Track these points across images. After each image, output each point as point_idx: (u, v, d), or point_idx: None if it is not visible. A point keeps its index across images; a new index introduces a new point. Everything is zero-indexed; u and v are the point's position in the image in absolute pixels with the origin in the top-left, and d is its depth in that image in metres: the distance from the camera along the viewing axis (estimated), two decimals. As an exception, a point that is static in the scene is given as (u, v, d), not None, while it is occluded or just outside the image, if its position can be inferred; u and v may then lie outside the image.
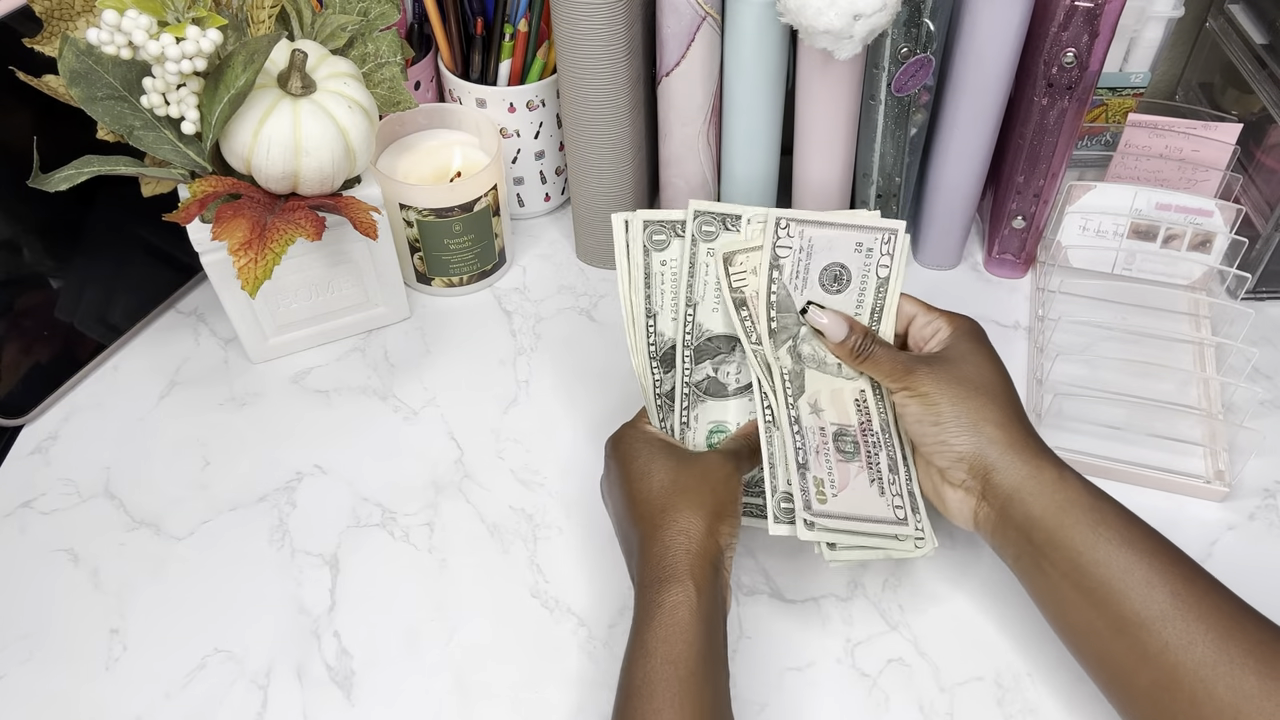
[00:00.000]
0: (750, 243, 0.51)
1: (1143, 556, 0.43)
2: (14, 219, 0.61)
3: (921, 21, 0.58)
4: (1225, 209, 0.64)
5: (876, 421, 0.52)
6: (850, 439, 0.51)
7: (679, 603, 0.43)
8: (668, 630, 0.43)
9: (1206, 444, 0.59)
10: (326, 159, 0.55)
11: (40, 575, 0.55)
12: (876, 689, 0.50)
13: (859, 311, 0.52)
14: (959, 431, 0.47)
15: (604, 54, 0.60)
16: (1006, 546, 0.47)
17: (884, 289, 0.52)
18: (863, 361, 0.51)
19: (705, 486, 0.47)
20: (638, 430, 0.51)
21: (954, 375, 0.48)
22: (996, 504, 0.47)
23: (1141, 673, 0.42)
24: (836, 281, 0.51)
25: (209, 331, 0.68)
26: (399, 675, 0.51)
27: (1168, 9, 0.69)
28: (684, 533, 0.45)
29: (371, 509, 0.58)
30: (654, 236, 0.51)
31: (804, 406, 0.50)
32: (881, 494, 0.50)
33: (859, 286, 0.52)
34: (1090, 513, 0.45)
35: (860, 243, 0.51)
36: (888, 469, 0.50)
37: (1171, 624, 0.41)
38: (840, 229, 0.51)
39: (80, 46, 0.51)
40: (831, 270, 0.51)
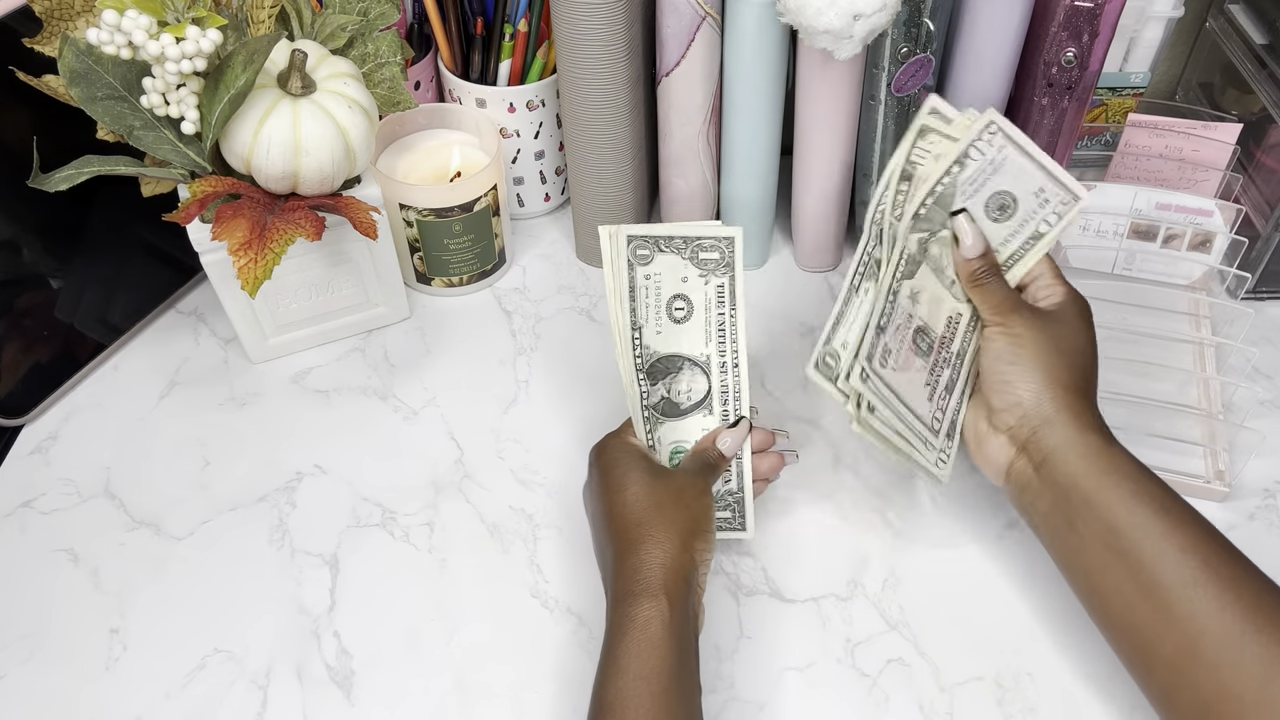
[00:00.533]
0: (951, 131, 0.51)
1: (1178, 525, 0.44)
2: (14, 219, 0.61)
3: (921, 21, 0.58)
4: (1225, 209, 0.64)
5: (957, 344, 0.52)
6: (927, 341, 0.51)
7: (651, 618, 0.43)
8: (640, 645, 0.43)
9: (1206, 444, 0.59)
10: (326, 159, 0.55)
11: (40, 575, 0.55)
12: (876, 689, 0.50)
13: (1002, 248, 0.52)
14: (1030, 379, 0.48)
15: (604, 54, 0.60)
16: (1038, 502, 0.48)
17: (1033, 242, 0.51)
18: (976, 286, 0.50)
19: (680, 503, 0.48)
20: (621, 441, 0.52)
21: (1051, 331, 0.49)
22: (1038, 456, 0.47)
23: (1166, 638, 0.42)
24: (1001, 210, 0.51)
25: (209, 331, 0.68)
26: (399, 675, 0.51)
27: (1168, 9, 0.69)
28: (659, 546, 0.46)
29: (371, 509, 0.58)
30: (638, 251, 0.51)
31: (905, 289, 0.51)
32: (929, 400, 0.50)
33: (1016, 226, 0.51)
34: (1131, 481, 0.45)
35: (1043, 189, 0.50)
36: (944, 386, 0.51)
37: (1201, 591, 0.42)
38: (1035, 166, 0.50)
39: (80, 46, 0.51)
40: (1003, 198, 0.50)
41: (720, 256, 0.52)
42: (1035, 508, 0.48)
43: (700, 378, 0.53)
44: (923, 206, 0.50)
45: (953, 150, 0.49)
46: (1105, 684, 0.50)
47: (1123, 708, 0.49)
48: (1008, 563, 0.55)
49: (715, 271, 0.52)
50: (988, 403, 0.50)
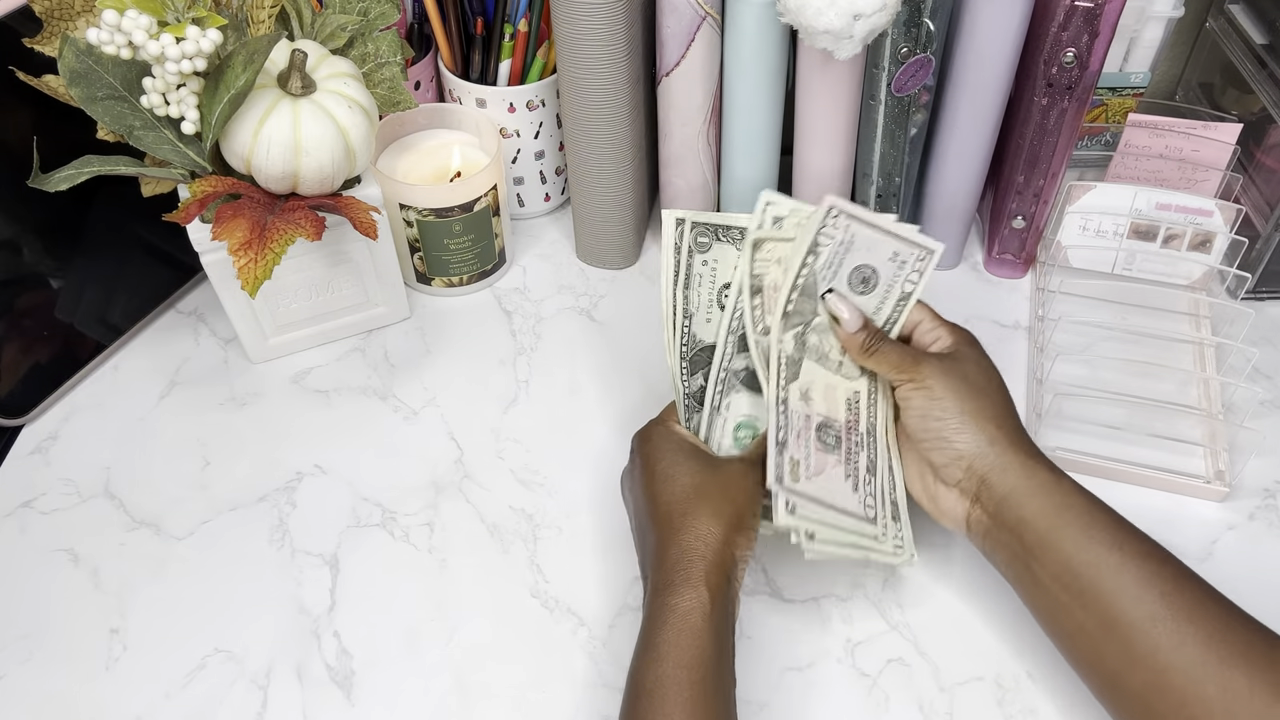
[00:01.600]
0: (783, 234, 0.51)
1: (1133, 559, 0.43)
2: (14, 219, 0.61)
3: (921, 21, 0.58)
4: (1225, 209, 0.64)
5: (864, 423, 0.52)
6: (834, 433, 0.51)
7: (693, 608, 0.43)
8: (680, 635, 0.43)
9: (1206, 444, 0.59)
10: (326, 159, 0.55)
11: (40, 575, 0.55)
12: (876, 689, 0.50)
13: (875, 316, 0.52)
14: (961, 427, 0.48)
15: (604, 54, 0.60)
16: (998, 550, 0.48)
17: (904, 303, 0.52)
18: (869, 356, 0.51)
19: (727, 495, 0.47)
20: (666, 429, 0.51)
21: (957, 372, 0.49)
22: (991, 505, 0.47)
23: (1132, 674, 0.42)
24: (864, 283, 0.51)
25: (209, 331, 0.68)
26: (399, 675, 0.51)
27: (1168, 9, 0.69)
28: (702, 539, 0.45)
29: (371, 509, 0.58)
30: (699, 238, 0.51)
31: (794, 391, 0.51)
32: (855, 490, 0.50)
33: (883, 294, 0.52)
34: (1083, 515, 0.45)
35: (897, 253, 0.51)
36: (865, 469, 0.51)
37: (1162, 625, 0.41)
38: (883, 235, 0.51)
39: (80, 46, 0.51)
40: (862, 271, 0.51)
41: None
42: (997, 554, 0.48)
43: None
44: (789, 303, 0.50)
45: (802, 243, 0.50)
46: (1105, 684, 0.50)
47: (1123, 708, 0.49)
48: (1008, 563, 0.55)
49: None
50: (929, 461, 0.49)
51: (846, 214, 0.50)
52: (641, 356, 0.66)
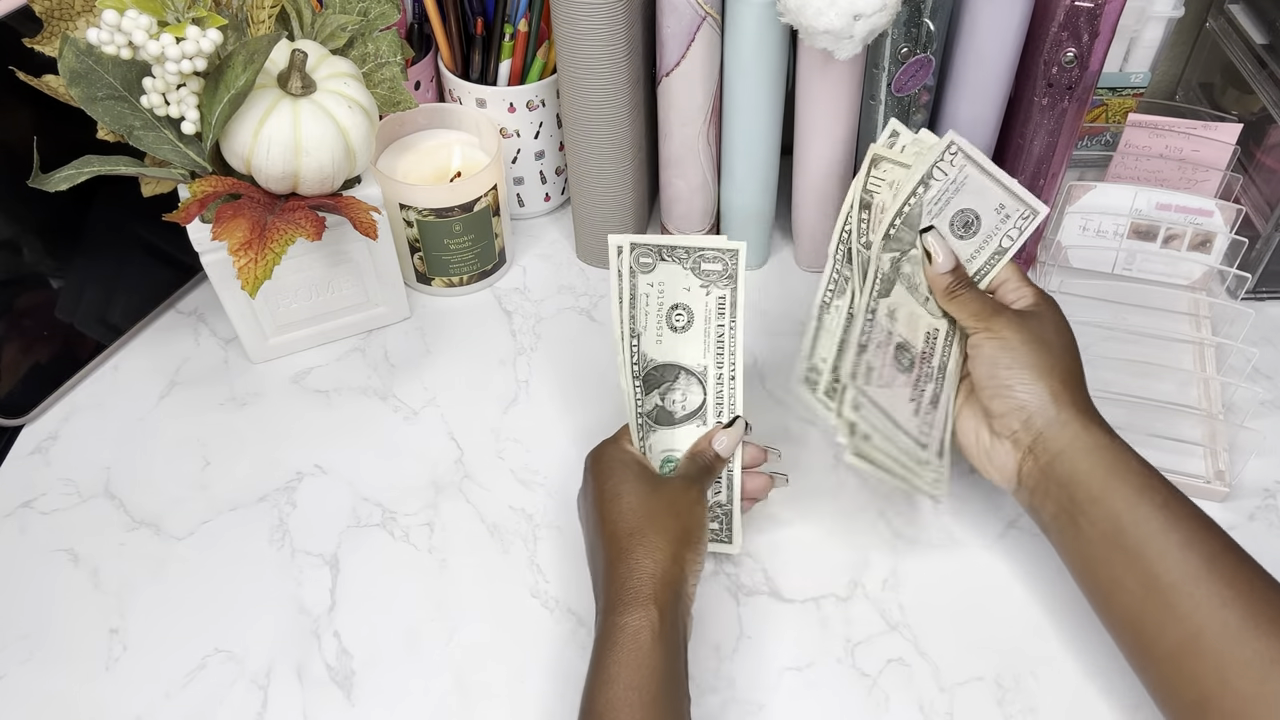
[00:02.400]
0: (902, 157, 0.52)
1: (1181, 520, 0.44)
2: (14, 219, 0.61)
3: (921, 21, 0.58)
4: (1225, 209, 0.64)
5: (938, 359, 0.52)
6: (909, 356, 0.51)
7: (641, 627, 0.44)
8: (630, 655, 0.43)
9: (1207, 444, 0.59)
10: (326, 159, 0.55)
11: (40, 575, 0.55)
12: (876, 689, 0.50)
13: (968, 264, 0.53)
14: (1027, 379, 0.48)
15: (604, 54, 0.60)
16: (1046, 503, 0.48)
17: (998, 256, 0.53)
18: (951, 299, 0.51)
19: (673, 512, 0.48)
20: (617, 448, 0.51)
21: (1034, 329, 0.49)
22: (1044, 458, 0.48)
23: (1168, 633, 0.42)
24: (965, 228, 0.52)
25: (209, 331, 0.68)
26: (399, 675, 0.51)
27: (1168, 9, 0.69)
28: (650, 556, 0.46)
29: (371, 509, 0.58)
30: (640, 259, 0.51)
31: (883, 308, 0.51)
32: (915, 414, 0.51)
33: (980, 242, 0.52)
34: (1137, 476, 0.46)
35: (1004, 205, 0.52)
36: (929, 401, 0.51)
37: (1203, 586, 0.42)
38: (995, 184, 0.51)
39: (80, 46, 0.51)
40: (966, 215, 0.52)
41: (723, 268, 0.52)
42: (1044, 508, 0.48)
43: (696, 388, 0.53)
44: (892, 227, 0.51)
45: (916, 172, 0.50)
46: (1107, 683, 0.50)
47: (1124, 707, 0.49)
48: (1008, 562, 0.55)
49: (717, 283, 0.52)
50: (987, 410, 0.50)
51: (965, 154, 0.50)
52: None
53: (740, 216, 0.69)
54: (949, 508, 0.57)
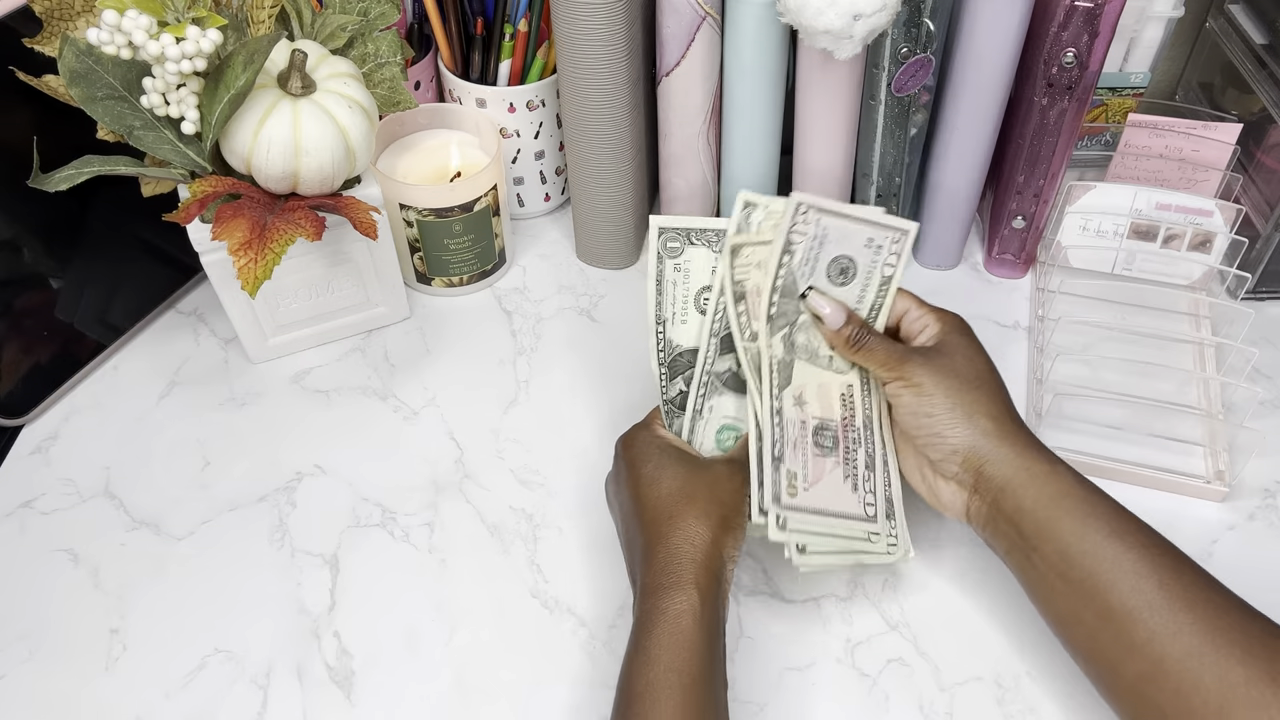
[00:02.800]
0: (759, 237, 0.51)
1: (1131, 548, 0.43)
2: (14, 219, 0.61)
3: (921, 21, 0.58)
4: (1225, 209, 0.64)
5: (859, 417, 0.52)
6: (830, 433, 0.51)
7: (683, 610, 0.43)
8: (671, 638, 0.43)
9: (1206, 444, 0.59)
10: (326, 159, 0.55)
11: (40, 575, 0.55)
12: (876, 689, 0.50)
13: (859, 306, 0.52)
14: (953, 423, 0.47)
15: (604, 54, 0.60)
16: (998, 539, 0.48)
17: (885, 287, 0.52)
18: (856, 351, 0.51)
19: (714, 496, 0.47)
20: (650, 432, 0.51)
21: (947, 367, 0.48)
22: (989, 496, 0.47)
23: (1128, 663, 0.42)
24: (843, 274, 0.51)
25: (209, 331, 0.68)
26: (399, 675, 0.51)
27: (1168, 9, 0.69)
28: (689, 541, 0.45)
29: (371, 509, 0.58)
30: (669, 243, 0.51)
31: (788, 398, 0.51)
32: (854, 489, 0.50)
33: (863, 281, 0.52)
34: (1081, 504, 0.45)
35: (872, 239, 0.51)
36: (864, 465, 0.51)
37: (1158, 614, 0.41)
38: (855, 222, 0.50)
39: (80, 46, 0.51)
40: (840, 263, 0.51)
41: None
42: (997, 544, 0.48)
43: None
44: (772, 306, 0.50)
45: (776, 244, 0.49)
46: (1105, 684, 0.50)
47: (1123, 708, 0.49)
48: (1008, 563, 0.55)
49: None
50: (925, 456, 0.49)
51: (815, 208, 0.49)
52: (642, 356, 0.66)
53: (740, 216, 0.69)
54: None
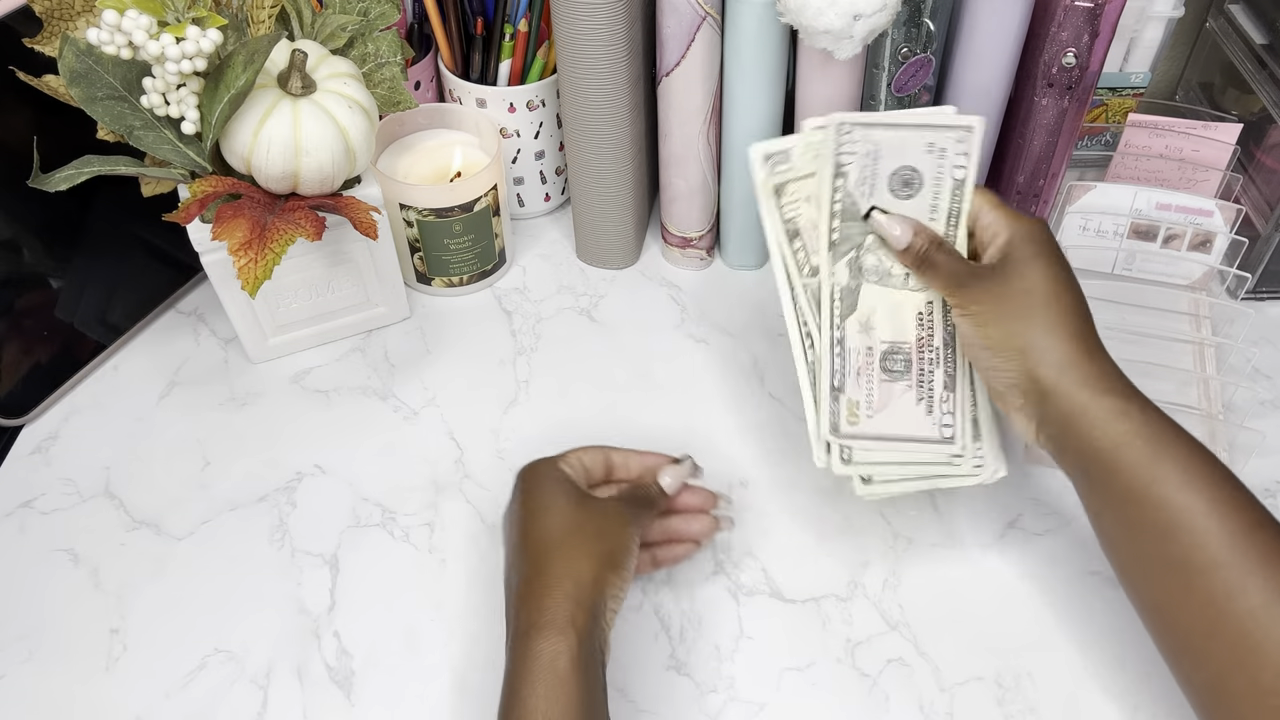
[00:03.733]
0: (801, 170, 0.49)
1: (1201, 498, 0.41)
2: (14, 219, 0.61)
3: (921, 21, 0.58)
4: (1225, 209, 0.64)
5: (939, 336, 0.49)
6: (902, 357, 0.49)
7: (559, 653, 0.41)
8: (547, 686, 0.40)
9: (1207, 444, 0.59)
10: (326, 159, 0.55)
11: (40, 575, 0.55)
12: (876, 689, 0.50)
13: (934, 218, 0.49)
14: (1009, 355, 0.45)
15: (604, 54, 0.60)
16: (1068, 471, 0.46)
17: (960, 191, 0.48)
18: (923, 270, 0.48)
19: (600, 533, 0.46)
20: (550, 465, 0.49)
21: (1006, 291, 0.45)
22: (1053, 431, 0.45)
23: (1190, 614, 0.41)
24: (907, 186, 0.48)
25: (209, 331, 0.68)
26: (399, 675, 0.51)
27: (1168, 9, 0.69)
28: (569, 576, 0.43)
29: (371, 509, 0.58)
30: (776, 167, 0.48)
31: (851, 326, 0.49)
32: (929, 412, 0.48)
33: (933, 190, 0.48)
34: (1149, 449, 0.42)
35: (933, 143, 0.48)
36: (942, 387, 0.49)
37: (1226, 570, 0.40)
38: (911, 129, 0.48)
39: (80, 46, 0.51)
40: (902, 174, 0.48)
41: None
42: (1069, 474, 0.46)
43: None
44: (833, 232, 0.48)
45: (825, 169, 0.47)
46: (1106, 683, 0.50)
47: (1124, 707, 0.49)
48: (1008, 562, 0.55)
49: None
50: (988, 384, 0.48)
51: (862, 125, 0.47)
52: (642, 356, 0.66)
53: (740, 216, 0.69)
54: (949, 508, 0.57)
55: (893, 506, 0.57)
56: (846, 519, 0.57)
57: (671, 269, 0.73)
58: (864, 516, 0.57)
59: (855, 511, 0.57)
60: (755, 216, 0.68)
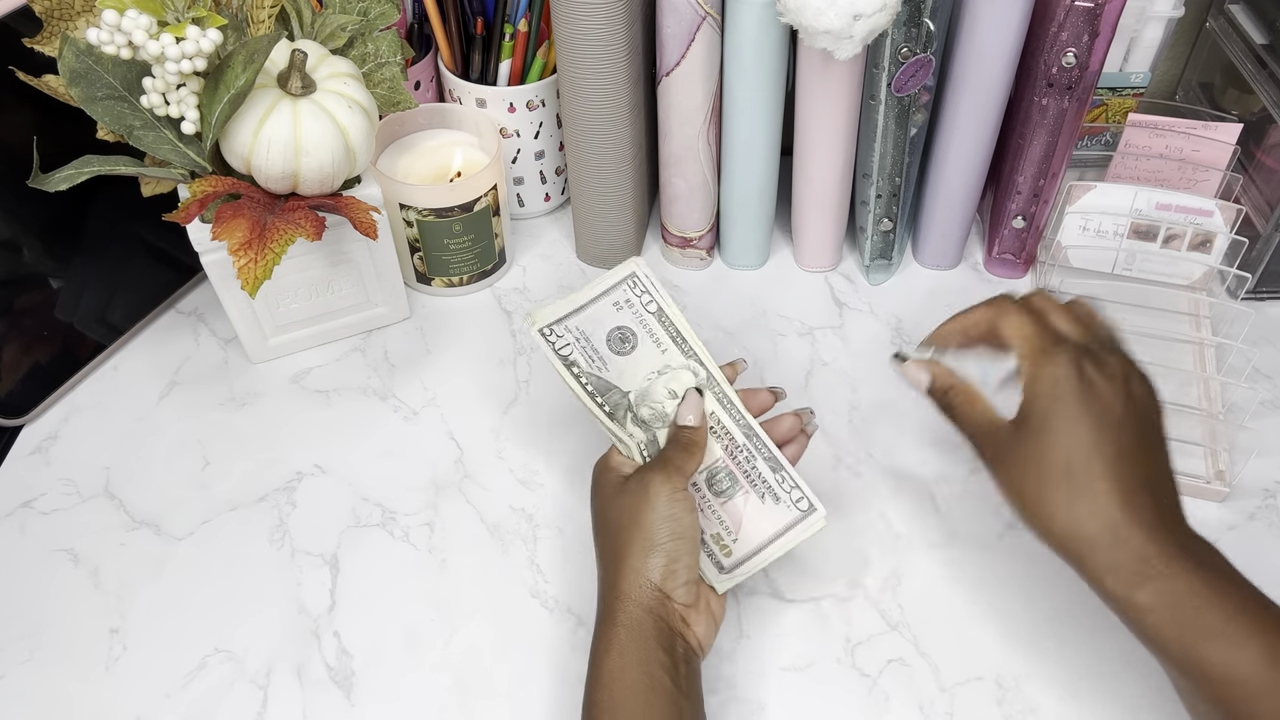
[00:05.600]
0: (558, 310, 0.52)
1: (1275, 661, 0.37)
2: (14, 219, 0.61)
3: (921, 21, 0.58)
4: (1225, 209, 0.64)
5: (738, 432, 0.51)
6: (724, 473, 0.50)
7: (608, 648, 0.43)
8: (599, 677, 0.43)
9: (1207, 444, 0.59)
10: (326, 159, 0.55)
11: (40, 575, 0.55)
12: (876, 689, 0.50)
13: (665, 351, 0.52)
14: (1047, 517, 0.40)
15: (604, 54, 0.60)
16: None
17: (664, 319, 0.52)
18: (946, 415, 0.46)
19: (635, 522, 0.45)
20: (602, 463, 0.50)
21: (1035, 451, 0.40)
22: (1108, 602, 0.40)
23: None
24: (625, 342, 0.52)
25: (209, 331, 0.68)
26: (399, 675, 0.51)
27: (1168, 9, 0.69)
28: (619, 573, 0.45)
29: (371, 509, 0.58)
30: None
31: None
32: (777, 501, 0.50)
33: (648, 333, 0.52)
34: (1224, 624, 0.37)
35: (617, 301, 0.52)
36: (770, 471, 0.50)
37: None
38: (592, 304, 0.52)
39: (80, 46, 0.51)
40: (613, 336, 0.52)
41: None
42: None
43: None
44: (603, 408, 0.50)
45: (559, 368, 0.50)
46: (1106, 683, 0.50)
47: (1124, 707, 0.49)
48: (1008, 563, 0.55)
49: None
50: None
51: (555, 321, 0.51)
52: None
53: (740, 216, 0.69)
54: (949, 508, 0.57)
55: (892, 506, 0.57)
56: (847, 519, 0.57)
57: (671, 269, 0.73)
58: (864, 516, 0.57)
59: (855, 511, 0.57)
60: (755, 216, 0.69)
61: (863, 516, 0.57)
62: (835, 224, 0.69)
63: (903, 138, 0.64)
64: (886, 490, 0.58)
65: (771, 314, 0.69)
